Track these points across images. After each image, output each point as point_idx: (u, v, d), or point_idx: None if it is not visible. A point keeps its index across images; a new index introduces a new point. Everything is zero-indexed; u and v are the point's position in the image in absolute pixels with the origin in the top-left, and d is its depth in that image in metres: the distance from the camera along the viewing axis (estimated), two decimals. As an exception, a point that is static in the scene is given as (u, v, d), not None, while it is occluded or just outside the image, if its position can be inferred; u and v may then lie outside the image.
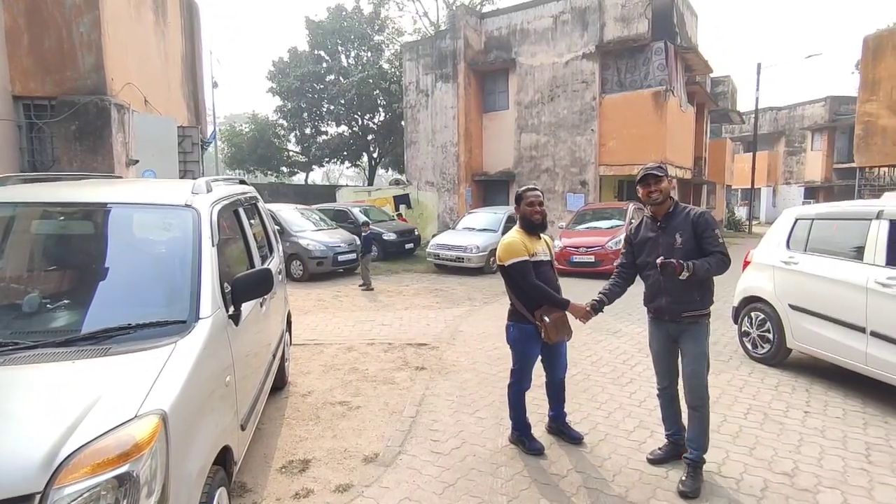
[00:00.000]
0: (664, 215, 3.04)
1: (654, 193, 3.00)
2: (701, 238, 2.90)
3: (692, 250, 2.91)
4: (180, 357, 2.02)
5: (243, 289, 2.61)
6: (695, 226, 2.92)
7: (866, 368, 4.05)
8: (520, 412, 3.45)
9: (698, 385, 2.96)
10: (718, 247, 2.89)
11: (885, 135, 10.10)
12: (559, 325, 3.18)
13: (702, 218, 2.94)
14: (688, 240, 2.92)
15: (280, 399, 4.34)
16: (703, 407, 2.97)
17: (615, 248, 10.34)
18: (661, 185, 2.99)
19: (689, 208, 3.03)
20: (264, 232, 4.45)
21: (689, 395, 2.99)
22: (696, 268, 2.82)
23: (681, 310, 2.97)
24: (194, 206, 2.70)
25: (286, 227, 11.09)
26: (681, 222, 2.97)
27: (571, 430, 3.54)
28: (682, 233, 2.94)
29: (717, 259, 2.86)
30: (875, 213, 4.15)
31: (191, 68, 10.64)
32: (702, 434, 2.98)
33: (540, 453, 3.33)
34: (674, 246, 2.94)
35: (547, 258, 3.31)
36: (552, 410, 3.59)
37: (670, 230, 2.99)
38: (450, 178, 18.01)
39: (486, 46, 17.54)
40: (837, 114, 29.01)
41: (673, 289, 2.95)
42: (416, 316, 7.48)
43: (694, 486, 2.88)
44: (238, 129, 28.46)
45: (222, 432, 2.23)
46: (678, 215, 3.00)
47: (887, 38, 10.14)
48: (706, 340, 3.02)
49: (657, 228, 3.06)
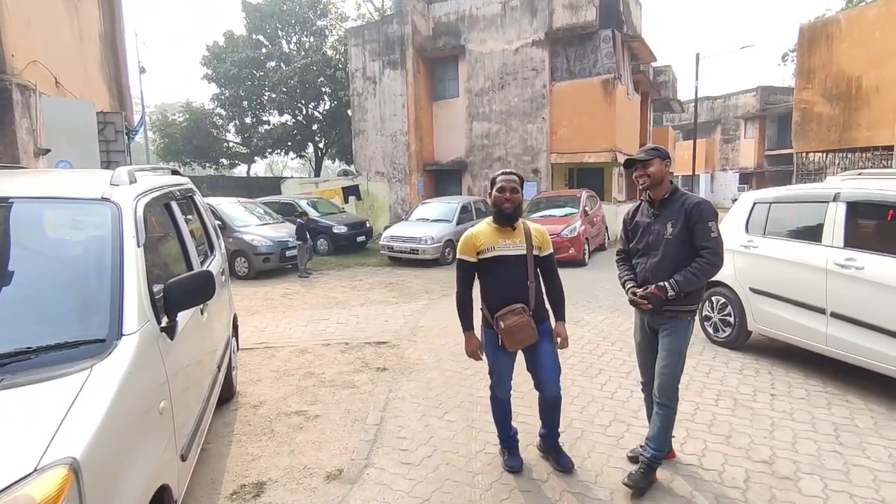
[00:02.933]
0: (660, 201, 2.84)
1: (642, 178, 2.81)
2: (693, 229, 2.71)
3: (683, 242, 2.74)
4: (97, 386, 1.64)
5: (179, 295, 2.22)
6: (688, 216, 2.72)
7: (827, 349, 4.11)
8: (500, 424, 3.08)
9: (669, 383, 2.79)
10: (709, 242, 2.68)
11: (820, 121, 10.60)
12: (516, 331, 2.77)
13: (697, 208, 2.72)
14: (680, 230, 2.73)
15: (228, 412, 3.93)
16: (669, 406, 2.80)
17: (570, 235, 10.37)
18: (650, 169, 2.78)
19: (687, 196, 2.82)
20: (203, 228, 3.99)
21: (658, 391, 2.82)
22: (681, 284, 2.67)
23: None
24: (114, 200, 2.28)
25: (228, 222, 10.42)
26: (675, 210, 2.78)
27: (561, 456, 3.05)
28: (675, 222, 2.75)
29: (705, 261, 2.68)
30: (832, 195, 4.19)
31: (112, 49, 9.68)
32: (664, 433, 2.81)
33: (514, 471, 2.99)
34: (664, 235, 2.77)
35: (520, 252, 2.84)
36: (543, 428, 3.12)
37: (663, 218, 2.81)
38: (401, 168, 17.59)
39: (435, 32, 17.16)
40: (767, 103, 30.68)
41: (656, 280, 2.78)
42: (372, 312, 7.14)
43: (642, 484, 2.74)
44: (171, 118, 26.66)
45: (157, 470, 1.86)
46: (674, 202, 2.80)
47: (821, 28, 10.61)
48: (685, 339, 2.82)
49: (651, 214, 2.88)
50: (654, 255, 2.81)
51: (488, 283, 2.90)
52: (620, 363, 4.77)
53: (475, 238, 2.87)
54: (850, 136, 10.26)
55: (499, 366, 2.95)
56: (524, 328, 2.78)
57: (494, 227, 2.89)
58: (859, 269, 3.80)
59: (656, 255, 2.81)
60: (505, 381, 2.99)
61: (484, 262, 2.86)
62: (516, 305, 2.80)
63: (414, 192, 17.24)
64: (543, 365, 2.91)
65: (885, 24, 9.51)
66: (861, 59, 9.96)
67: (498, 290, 2.85)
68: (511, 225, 2.88)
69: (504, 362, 2.95)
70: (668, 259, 2.76)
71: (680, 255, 2.74)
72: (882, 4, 10.00)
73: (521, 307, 2.80)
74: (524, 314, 2.79)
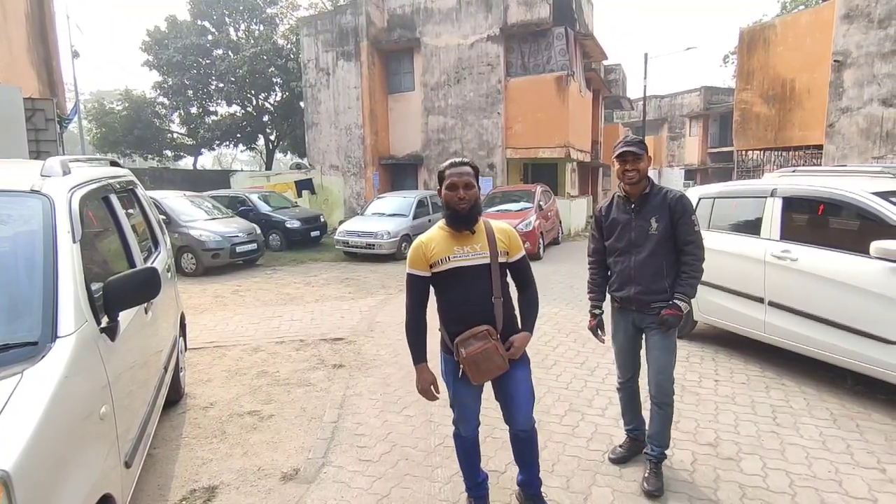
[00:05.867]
0: (639, 196, 2.74)
1: (631, 172, 2.68)
2: (677, 224, 2.67)
3: (668, 238, 2.69)
4: (29, 392, 1.53)
5: (120, 294, 2.10)
6: (672, 210, 2.67)
7: (765, 336, 4.35)
8: (466, 468, 2.54)
9: (666, 381, 2.74)
10: (693, 236, 2.66)
11: (758, 121, 11.21)
12: (481, 360, 2.23)
13: (680, 202, 2.67)
14: (665, 226, 2.68)
15: (176, 415, 3.76)
16: (669, 405, 2.77)
17: (526, 230, 10.52)
18: (640, 165, 2.67)
19: (667, 190, 2.76)
20: (146, 223, 3.79)
21: (656, 392, 2.75)
22: (689, 294, 2.66)
23: (650, 300, 2.73)
24: (45, 193, 2.12)
25: (173, 216, 9.94)
26: (657, 205, 2.70)
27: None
28: (659, 218, 2.68)
29: (694, 258, 2.67)
30: (770, 190, 4.43)
31: (41, 31, 9.00)
32: (664, 431, 2.80)
33: None
34: (648, 231, 2.70)
35: (482, 260, 2.28)
36: (520, 473, 2.57)
37: (644, 213, 2.72)
38: (356, 162, 17.33)
39: (390, 24, 16.95)
40: (710, 103, 32.12)
41: (642, 278, 2.73)
42: (328, 308, 7.01)
43: (658, 485, 2.72)
44: (108, 106, 25.15)
45: (99, 479, 1.75)
46: (654, 197, 2.72)
47: (759, 32, 11.20)
48: (675, 333, 2.79)
49: (630, 210, 2.77)
50: (639, 253, 2.74)
51: (445, 302, 2.36)
52: (575, 354, 4.89)
53: (425, 247, 2.30)
54: (785, 135, 10.92)
55: (461, 398, 2.41)
56: (490, 356, 2.24)
57: (450, 231, 2.31)
58: (794, 260, 4.04)
59: (640, 252, 2.73)
60: (470, 416, 2.45)
61: (439, 276, 2.30)
62: (480, 328, 2.26)
63: (370, 187, 17.04)
64: (515, 396, 2.38)
65: (814, 31, 10.15)
66: (795, 63, 10.60)
67: (457, 309, 2.32)
68: (469, 228, 2.30)
69: (467, 394, 2.40)
70: (654, 255, 2.70)
71: (665, 251, 2.70)
72: (813, 12, 10.67)
73: (485, 330, 2.26)
74: (490, 339, 2.24)
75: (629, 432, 3.10)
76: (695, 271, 2.67)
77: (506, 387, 2.39)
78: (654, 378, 2.77)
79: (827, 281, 3.79)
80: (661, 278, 2.72)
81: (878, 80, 8.56)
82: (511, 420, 2.44)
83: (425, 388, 2.36)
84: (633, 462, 3.01)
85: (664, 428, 2.81)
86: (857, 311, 3.60)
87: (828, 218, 4.17)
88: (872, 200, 3.64)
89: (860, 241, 3.63)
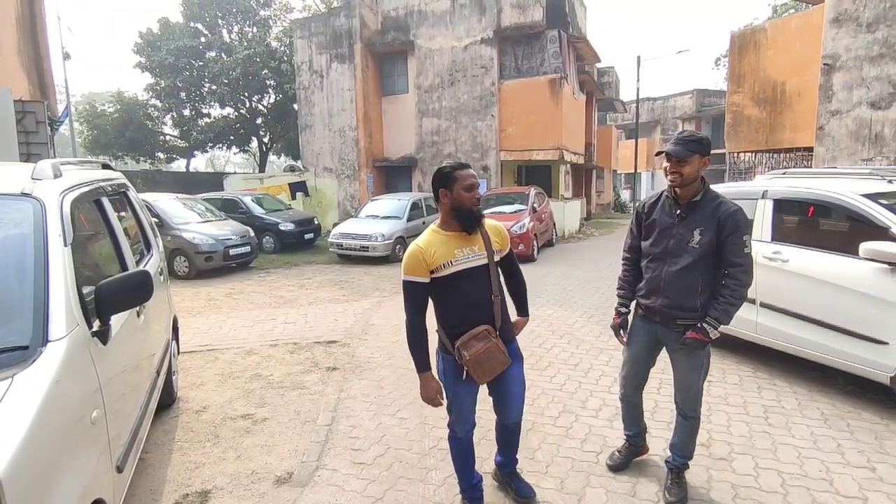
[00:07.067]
0: (688, 202, 2.45)
1: (674, 175, 2.40)
2: (724, 242, 2.36)
3: (710, 254, 2.40)
4: (20, 396, 1.52)
5: (112, 297, 2.08)
6: (721, 225, 2.35)
7: (757, 337, 4.39)
8: (462, 470, 2.58)
9: (693, 397, 2.60)
10: (742, 258, 2.34)
11: (749, 123, 11.31)
12: (484, 360, 2.28)
13: (733, 217, 2.34)
14: (709, 241, 2.38)
15: (168, 419, 3.73)
16: (696, 418, 2.65)
17: (520, 232, 10.55)
18: (684, 168, 2.36)
19: (721, 200, 2.40)
20: (139, 226, 3.77)
21: (683, 406, 2.64)
22: (721, 320, 2.38)
23: (676, 315, 2.50)
24: (36, 196, 2.11)
25: (166, 219, 9.88)
26: (706, 216, 2.39)
27: (521, 484, 2.70)
28: (704, 230, 2.38)
29: (737, 283, 2.36)
30: (761, 192, 4.47)
31: (31, 33, 8.94)
32: (689, 441, 2.70)
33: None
34: (689, 243, 2.42)
35: (482, 261, 2.33)
36: (499, 455, 2.73)
37: (689, 222, 2.43)
38: (350, 164, 17.31)
39: (384, 27, 16.98)
40: (702, 105, 32.37)
41: (672, 290, 2.48)
42: (322, 311, 6.99)
43: (681, 494, 2.63)
44: (100, 108, 24.97)
45: (90, 484, 1.74)
46: (706, 206, 2.41)
47: (750, 36, 11.32)
48: (705, 351, 2.53)
49: (676, 215, 2.48)
50: (673, 264, 2.48)
51: (447, 305, 2.37)
52: (569, 356, 4.91)
53: (425, 253, 2.27)
54: (776, 137, 11.03)
55: (460, 399, 2.44)
56: (493, 355, 2.30)
57: (448, 234, 2.32)
58: (785, 261, 4.08)
59: (675, 264, 2.47)
60: (468, 416, 2.48)
61: (440, 281, 2.29)
62: (479, 329, 2.31)
63: (364, 189, 17.03)
64: (511, 392, 2.47)
65: (804, 35, 10.27)
66: (785, 66, 10.72)
67: (460, 311, 2.34)
68: (478, 229, 2.36)
69: (467, 395, 2.44)
70: (689, 269, 2.43)
71: (703, 268, 2.43)
72: (802, 16, 10.78)
73: (484, 330, 2.31)
74: (490, 338, 2.30)
75: (629, 438, 3.01)
76: (735, 298, 2.37)
77: (503, 385, 2.46)
78: (679, 395, 2.66)
79: (817, 282, 3.83)
80: (694, 295, 2.45)
81: (866, 83, 8.66)
82: (504, 413, 2.54)
83: (431, 397, 2.39)
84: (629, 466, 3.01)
85: (689, 438, 2.70)
86: (848, 311, 3.63)
87: (818, 219, 4.21)
88: (861, 202, 3.68)
89: (850, 242, 3.67)
